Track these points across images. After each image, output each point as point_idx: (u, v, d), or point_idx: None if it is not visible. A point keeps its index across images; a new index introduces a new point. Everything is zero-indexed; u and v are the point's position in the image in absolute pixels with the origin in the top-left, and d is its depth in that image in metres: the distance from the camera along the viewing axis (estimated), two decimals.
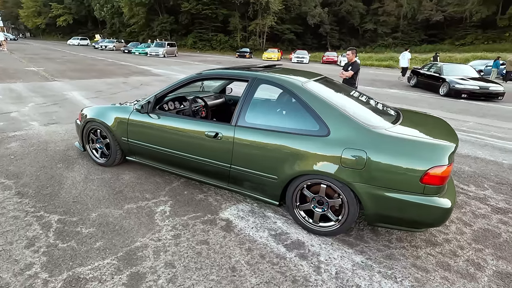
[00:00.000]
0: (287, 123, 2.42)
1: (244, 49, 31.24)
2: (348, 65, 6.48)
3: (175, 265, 2.01)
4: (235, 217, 2.61)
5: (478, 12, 37.23)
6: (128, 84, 10.01)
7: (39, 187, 2.95)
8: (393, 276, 2.00)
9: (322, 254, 2.18)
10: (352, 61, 6.43)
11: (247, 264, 2.05)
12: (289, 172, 2.32)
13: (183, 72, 14.27)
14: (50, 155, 3.73)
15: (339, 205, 2.28)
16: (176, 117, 2.91)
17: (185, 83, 2.95)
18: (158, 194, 2.93)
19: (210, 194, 2.98)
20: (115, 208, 2.65)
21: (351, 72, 6.33)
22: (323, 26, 42.86)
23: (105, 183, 3.10)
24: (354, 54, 6.50)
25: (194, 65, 19.37)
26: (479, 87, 9.58)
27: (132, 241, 2.22)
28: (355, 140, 2.13)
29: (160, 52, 24.78)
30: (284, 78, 2.54)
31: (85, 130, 3.46)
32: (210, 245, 2.23)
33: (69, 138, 4.41)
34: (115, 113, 3.21)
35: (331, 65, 25.35)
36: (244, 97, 2.56)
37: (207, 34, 42.58)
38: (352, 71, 6.36)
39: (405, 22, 42.30)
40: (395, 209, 2.07)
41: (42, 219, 2.44)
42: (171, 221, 2.50)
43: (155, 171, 3.40)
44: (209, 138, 2.61)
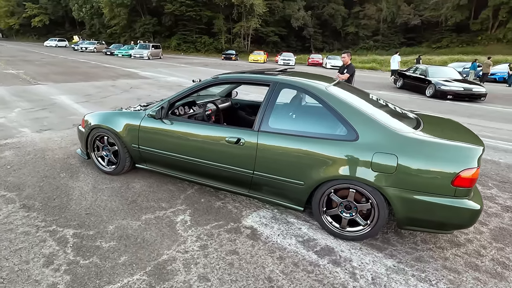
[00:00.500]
0: (313, 128, 2.39)
1: (230, 51, 31.12)
2: (344, 67, 6.57)
3: (209, 278, 1.94)
4: (259, 224, 2.56)
5: (452, 17, 39.05)
6: (117, 87, 9.70)
7: (45, 199, 2.77)
8: (427, 279, 2.02)
9: (354, 260, 2.17)
10: (347, 63, 6.52)
11: (282, 274, 2.00)
12: (317, 178, 2.29)
13: (172, 75, 14.03)
14: (50, 164, 3.53)
15: (367, 209, 2.28)
16: (193, 122, 2.82)
17: (201, 88, 2.87)
18: (174, 202, 2.83)
19: (228, 201, 2.91)
20: (133, 219, 2.53)
21: (347, 75, 6.42)
22: (306, 29, 43.51)
23: (116, 192, 2.96)
24: (349, 57, 6.60)
25: (181, 67, 19.07)
26: (463, 89, 10.00)
27: (158, 254, 2.12)
28: (385, 145, 2.14)
29: (144, 54, 24.24)
30: (307, 82, 2.52)
31: (90, 137, 3.29)
32: (240, 255, 2.17)
33: (66, 145, 4.19)
34: (124, 119, 3.08)
35: (317, 67, 25.72)
36: (267, 102, 2.52)
37: (191, 36, 42.14)
38: (348, 73, 6.45)
39: (385, 26, 43.71)
40: (426, 212, 2.09)
41: (56, 234, 2.29)
42: (194, 231, 2.42)
43: (166, 179, 3.29)
44: (230, 144, 2.55)
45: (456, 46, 38.83)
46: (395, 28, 43.29)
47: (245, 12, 39.36)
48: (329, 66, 24.07)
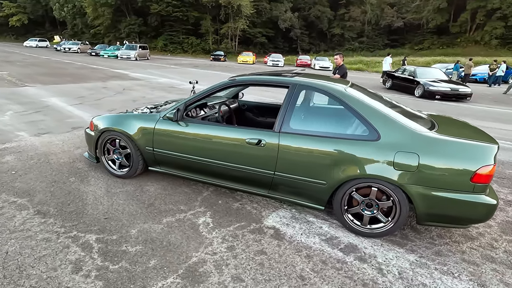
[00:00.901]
0: (334, 128, 2.45)
1: (219, 53, 30.99)
2: (336, 69, 6.71)
3: (242, 278, 1.95)
4: (280, 224, 2.59)
5: (433, 20, 40.47)
6: (109, 89, 9.49)
7: (59, 204, 2.70)
8: (450, 272, 2.11)
9: (379, 256, 2.24)
10: (339, 64, 6.65)
11: (313, 272, 2.04)
12: (339, 177, 2.35)
13: (163, 76, 13.85)
14: (57, 169, 3.43)
15: (388, 207, 2.36)
16: (211, 124, 2.82)
17: (218, 89, 2.87)
18: (193, 205, 2.82)
19: (246, 202, 2.93)
20: (154, 223, 2.50)
21: (338, 76, 6.55)
22: (293, 30, 43.94)
23: (131, 196, 2.92)
24: (341, 58, 6.73)
25: (171, 68, 18.85)
26: (450, 89, 10.40)
27: (187, 257, 2.12)
28: (406, 144, 2.22)
29: (131, 55, 23.78)
30: (327, 84, 2.58)
31: (101, 141, 3.23)
32: (268, 255, 2.19)
33: (69, 149, 4.08)
34: (138, 122, 3.04)
35: (306, 68, 26.01)
36: (287, 103, 2.56)
37: (178, 36, 41.67)
38: (339, 74, 6.59)
39: (370, 28, 44.75)
40: (446, 207, 2.19)
41: (78, 239, 2.24)
42: (218, 232, 2.42)
43: (180, 181, 3.27)
44: (251, 146, 2.57)
45: (437, 47, 40.25)
46: (379, 30, 44.43)
47: (232, 13, 39.32)
48: (318, 67, 24.41)
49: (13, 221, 2.42)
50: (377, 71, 26.04)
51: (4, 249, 2.09)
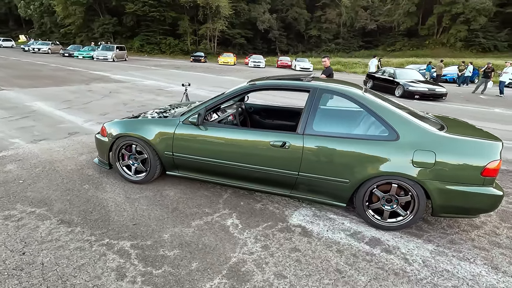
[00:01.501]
0: (355, 130, 2.61)
1: (199, 54, 30.68)
2: (324, 70, 6.97)
3: (284, 275, 2.05)
4: (305, 222, 2.71)
5: (404, 23, 42.57)
6: (95, 92, 9.18)
7: (81, 212, 2.65)
8: (466, 258, 2.33)
9: (401, 247, 2.42)
10: (327, 66, 6.93)
11: (347, 265, 2.18)
12: (362, 176, 2.51)
13: (147, 78, 13.56)
14: (67, 176, 3.33)
15: (406, 201, 2.55)
16: (233, 128, 2.89)
17: (238, 94, 2.94)
18: (216, 207, 2.87)
19: (266, 202, 3.02)
20: (184, 226, 2.53)
21: (324, 76, 6.82)
22: (272, 32, 44.47)
23: (153, 201, 2.91)
24: (329, 60, 7.03)
25: (152, 70, 18.45)
26: (428, 89, 11.07)
27: (226, 258, 2.18)
28: (423, 143, 2.42)
29: (109, 56, 22.97)
30: (346, 88, 2.74)
31: (116, 146, 3.19)
32: (302, 251, 2.30)
33: (72, 155, 3.96)
34: (156, 127, 3.03)
35: (286, 70, 26.43)
36: (309, 107, 2.69)
37: (155, 37, 40.76)
38: (324, 74, 6.87)
39: (345, 30, 46.27)
40: (460, 200, 2.41)
41: (112, 246, 2.23)
42: (249, 233, 2.50)
43: (197, 184, 3.30)
44: (275, 148, 2.67)
45: (408, 49, 42.40)
46: (354, 32, 46.04)
47: (210, 13, 39.09)
48: (299, 68, 24.88)
49: (38, 231, 2.35)
50: (355, 72, 27.05)
51: (38, 261, 2.04)
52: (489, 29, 37.45)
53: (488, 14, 36.31)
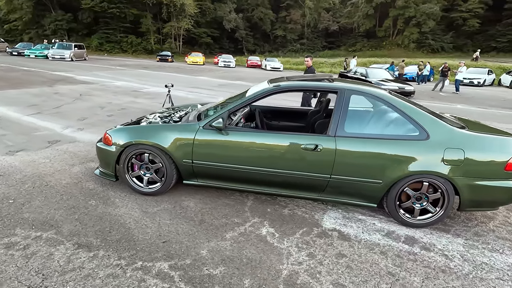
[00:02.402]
0: (386, 130, 2.62)
1: (165, 53, 29.49)
2: (306, 70, 7.08)
3: (342, 283, 1.98)
4: (339, 225, 2.67)
5: (363, 24, 44.96)
6: (63, 94, 8.35)
7: (98, 233, 2.34)
8: (495, 249, 2.46)
9: (436, 243, 2.49)
10: (309, 66, 7.05)
11: (396, 266, 2.18)
12: (395, 175, 2.53)
13: (117, 79, 12.70)
14: (66, 192, 2.95)
15: (435, 198, 2.62)
16: (260, 132, 2.76)
17: (262, 96, 2.81)
18: (245, 216, 2.72)
19: (293, 207, 2.93)
20: (218, 240, 2.36)
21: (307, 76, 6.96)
22: (238, 31, 44.30)
23: (174, 214, 2.68)
24: (311, 60, 7.15)
25: (118, 70, 17.34)
26: (398, 88, 11.73)
27: (277, 271, 2.06)
28: (452, 141, 2.50)
29: (66, 55, 21.13)
30: (372, 89, 2.75)
31: (125, 156, 2.88)
32: (348, 256, 2.26)
33: (63, 167, 3.52)
34: (172, 133, 2.79)
35: (257, 69, 26.48)
36: (339, 108, 2.65)
37: (116, 35, 38.42)
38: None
39: (309, 30, 47.65)
40: (486, 194, 2.54)
41: (149, 270, 1.99)
42: (289, 241, 2.40)
43: (216, 192, 3.11)
44: (307, 151, 2.60)
45: (367, 49, 44.82)
46: (318, 33, 47.61)
47: (175, 12, 37.83)
48: (269, 68, 25.05)
49: (53, 260, 2.03)
50: (322, 71, 27.91)
51: None
52: (437, 32, 40.95)
53: (436, 18, 39.67)
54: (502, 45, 37.77)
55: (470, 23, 39.16)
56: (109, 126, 5.43)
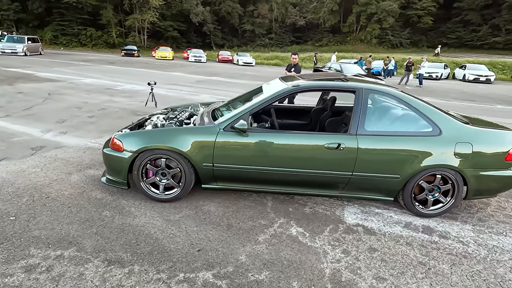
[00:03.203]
0: (403, 127, 2.75)
1: (131, 47, 27.97)
2: (291, 66, 7.18)
3: (383, 277, 2.07)
4: (361, 220, 2.77)
5: (328, 20, 46.27)
6: (28, 94, 7.60)
7: (125, 247, 2.20)
8: (499, 232, 2.71)
9: (450, 231, 2.68)
10: (295, 63, 7.16)
11: (424, 256, 2.32)
12: (412, 170, 2.68)
13: (84, 76, 11.83)
14: (73, 204, 2.71)
15: (446, 190, 2.82)
16: (282, 132, 2.75)
17: (281, 96, 2.79)
18: (270, 217, 2.72)
19: (312, 205, 2.98)
20: (253, 244, 2.33)
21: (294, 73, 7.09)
22: (206, 25, 43.31)
23: (199, 220, 2.59)
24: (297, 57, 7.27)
25: (82, 66, 16.13)
26: None
27: (320, 270, 2.09)
28: (462, 136, 2.70)
29: (19, 49, 19.15)
30: (389, 88, 2.86)
31: (139, 162, 2.71)
32: (380, 250, 2.36)
33: (59, 176, 3.23)
34: (190, 136, 2.68)
35: (229, 64, 26.18)
36: (359, 107, 2.73)
37: (72, 27, 35.61)
38: (295, 72, 7.14)
39: (277, 25, 47.97)
40: (489, 183, 2.78)
41: (195, 281, 1.92)
42: (320, 240, 2.44)
43: (233, 194, 3.06)
44: (330, 150, 2.65)
45: (333, 45, 46.25)
46: (286, 28, 48.13)
47: (138, 3, 35.93)
48: (241, 63, 24.89)
49: (86, 280, 1.87)
50: None
51: None
52: (396, 28, 43.42)
53: (395, 15, 42.02)
54: (452, 41, 41.11)
55: (425, 20, 42.07)
56: (92, 128, 5.08)
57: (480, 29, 39.66)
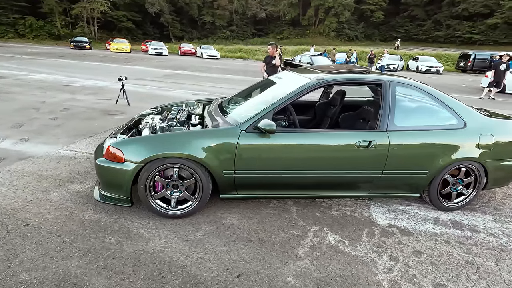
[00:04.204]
0: (430, 121, 2.65)
1: (82, 39, 25.35)
2: (271, 58, 6.96)
3: (441, 283, 1.94)
4: (392, 220, 2.64)
5: (288, 13, 46.64)
6: None
7: (149, 281, 1.78)
8: None
9: (476, 224, 2.67)
10: (273, 55, 6.94)
11: (467, 254, 2.25)
12: (441, 164, 2.60)
13: (31, 71, 10.38)
14: (62, 231, 2.18)
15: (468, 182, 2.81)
16: (310, 132, 2.49)
17: (306, 92, 2.50)
18: (300, 225, 2.46)
19: (338, 208, 2.78)
20: (295, 260, 2.06)
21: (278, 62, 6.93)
22: (163, 16, 41.01)
23: (225, 238, 2.24)
24: (274, 49, 7.04)
25: (26, 60, 14.19)
26: None
27: (378, 284, 1.89)
28: (485, 128, 2.68)
29: None
30: (415, 81, 2.73)
31: (146, 174, 2.26)
32: (424, 252, 2.23)
33: (34, 195, 2.63)
34: (207, 141, 2.30)
35: (192, 57, 25.09)
36: (387, 101, 2.56)
37: (7, 16, 31.31)
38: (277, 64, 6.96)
39: (238, 17, 47.16)
40: (506, 172, 2.82)
41: None
42: (362, 247, 2.25)
43: (251, 203, 2.74)
44: (361, 148, 2.46)
45: (294, 37, 46.89)
46: (247, 20, 47.53)
47: None
48: (206, 56, 23.99)
49: None
50: (258, 59, 28.10)
51: None
52: (351, 22, 45.31)
53: (350, 9, 43.76)
54: (401, 35, 43.89)
55: (377, 14, 44.45)
56: (59, 132, 4.36)
57: (425, 23, 43.03)
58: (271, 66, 6.77)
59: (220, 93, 8.80)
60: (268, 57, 7.02)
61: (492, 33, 36.50)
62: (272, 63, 6.89)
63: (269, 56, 6.97)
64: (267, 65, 6.97)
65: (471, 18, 38.74)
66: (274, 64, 6.85)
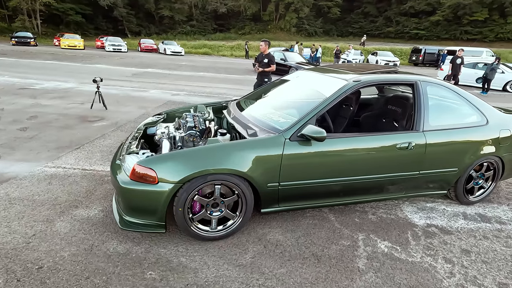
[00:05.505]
0: (458, 119, 2.70)
1: (25, 34, 22.47)
2: (262, 56, 6.78)
3: (502, 281, 1.96)
4: (427, 219, 2.65)
5: (249, 8, 46.36)
6: None
7: None
8: None
9: (500, 215, 2.79)
10: (265, 52, 6.75)
11: (507, 247, 2.33)
12: (468, 162, 2.67)
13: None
14: (88, 270, 1.82)
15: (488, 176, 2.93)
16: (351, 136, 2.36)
17: (345, 94, 2.37)
18: (346, 234, 2.36)
19: (373, 212, 2.73)
20: (358, 275, 1.94)
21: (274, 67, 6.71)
22: (117, 9, 38.20)
23: (277, 258, 2.05)
24: (266, 45, 6.85)
25: None
26: None
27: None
28: (503, 123, 2.81)
29: None
30: (440, 80, 2.75)
31: (185, 195, 1.96)
32: (471, 250, 2.26)
33: (34, 228, 2.18)
34: (248, 152, 2.07)
35: (155, 54, 23.72)
36: (420, 101, 2.54)
37: None
38: (270, 63, 6.78)
39: (198, 12, 45.74)
40: None
41: None
42: (414, 251, 2.21)
43: (286, 215, 2.57)
44: (402, 150, 2.42)
45: (256, 33, 46.81)
46: (207, 15, 46.31)
47: None
48: (170, 53, 22.85)
49: None
50: (224, 55, 27.57)
51: None
52: (310, 17, 46.51)
53: (309, 5, 44.84)
54: (356, 31, 46.22)
55: (333, 11, 46.12)
56: (35, 145, 3.77)
57: (377, 20, 45.69)
58: (263, 65, 6.46)
59: (202, 92, 8.41)
60: (260, 55, 6.73)
61: (435, 29, 40.04)
62: (265, 61, 6.58)
63: (261, 54, 6.68)
64: (260, 63, 6.63)
65: (417, 15, 42.05)
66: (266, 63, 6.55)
